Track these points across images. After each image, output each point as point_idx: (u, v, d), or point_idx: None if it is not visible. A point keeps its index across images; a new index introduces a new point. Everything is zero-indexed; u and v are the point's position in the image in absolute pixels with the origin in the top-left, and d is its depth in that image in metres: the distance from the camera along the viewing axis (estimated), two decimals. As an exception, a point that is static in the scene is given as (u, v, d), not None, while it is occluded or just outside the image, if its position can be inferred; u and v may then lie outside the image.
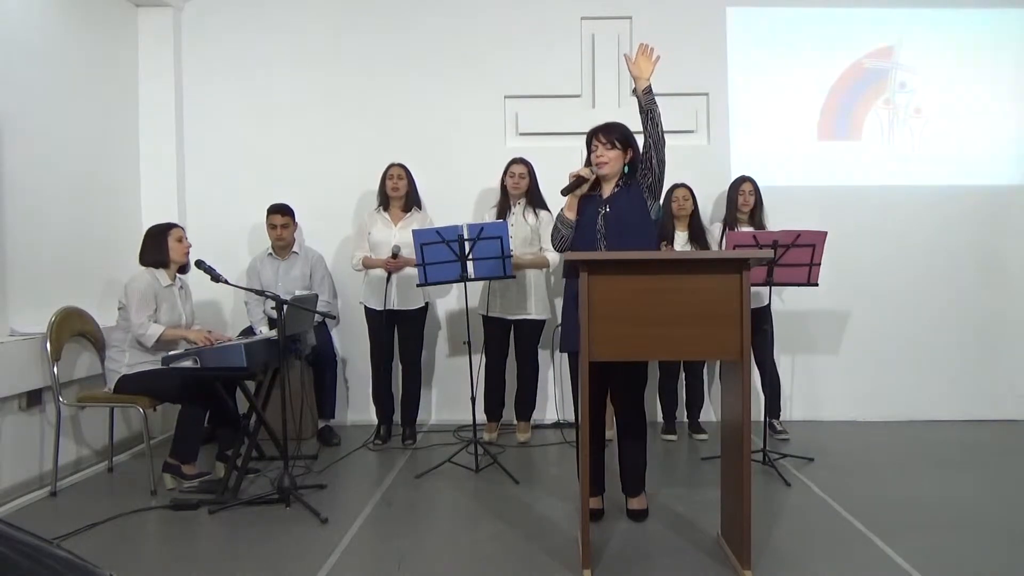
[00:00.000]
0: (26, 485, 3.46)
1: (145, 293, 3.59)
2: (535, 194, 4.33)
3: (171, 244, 3.71)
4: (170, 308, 3.69)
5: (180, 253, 3.75)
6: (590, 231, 2.96)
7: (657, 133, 2.91)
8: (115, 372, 3.61)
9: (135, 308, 3.55)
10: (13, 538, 1.09)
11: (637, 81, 2.95)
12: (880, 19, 4.87)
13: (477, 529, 2.99)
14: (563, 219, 3.00)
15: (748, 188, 4.39)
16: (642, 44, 2.97)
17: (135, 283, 3.61)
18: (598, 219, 2.96)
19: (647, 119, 2.92)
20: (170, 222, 3.86)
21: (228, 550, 2.83)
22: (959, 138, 4.87)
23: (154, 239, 3.73)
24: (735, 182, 4.46)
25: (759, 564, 2.54)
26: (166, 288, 3.70)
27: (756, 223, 4.39)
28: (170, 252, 3.71)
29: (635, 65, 2.96)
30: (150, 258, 3.71)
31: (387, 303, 4.18)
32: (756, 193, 4.40)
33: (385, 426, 4.41)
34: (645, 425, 3.13)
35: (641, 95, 2.93)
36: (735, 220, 4.42)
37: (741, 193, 4.38)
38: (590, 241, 2.95)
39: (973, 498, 3.31)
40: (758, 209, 4.41)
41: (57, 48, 3.93)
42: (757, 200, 4.40)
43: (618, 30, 4.85)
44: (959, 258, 4.86)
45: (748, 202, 4.37)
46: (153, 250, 3.71)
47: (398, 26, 4.84)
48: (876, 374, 4.85)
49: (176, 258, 3.74)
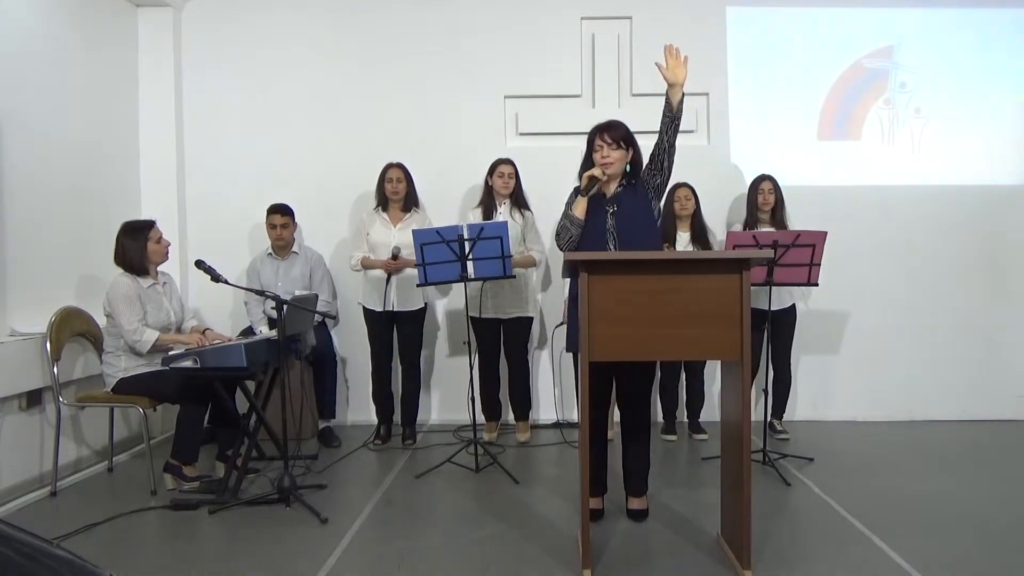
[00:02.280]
0: (26, 485, 3.46)
1: (129, 296, 3.50)
2: (520, 194, 4.34)
3: (151, 247, 3.60)
4: (156, 308, 3.63)
5: (160, 254, 3.66)
6: (599, 231, 2.94)
7: (675, 138, 2.91)
8: (112, 376, 3.59)
9: (124, 314, 3.47)
10: (13, 538, 1.08)
11: (673, 88, 2.84)
12: (880, 19, 4.87)
13: (477, 529, 2.99)
14: (573, 219, 2.95)
15: (768, 187, 4.33)
16: (669, 46, 2.87)
17: (117, 288, 3.51)
18: (607, 219, 2.95)
19: (672, 124, 2.88)
20: (147, 220, 3.72)
21: (228, 550, 2.83)
22: (959, 138, 4.87)
23: (133, 241, 3.58)
24: (754, 181, 4.40)
25: (759, 564, 2.54)
26: (149, 288, 3.62)
27: (778, 222, 4.31)
28: (150, 255, 3.61)
29: (670, 71, 2.85)
30: (129, 262, 3.57)
31: (387, 304, 4.18)
32: (776, 191, 4.33)
33: (385, 426, 4.41)
34: (650, 425, 3.13)
35: (676, 102, 2.85)
36: (756, 220, 4.35)
37: (761, 192, 4.32)
38: (599, 241, 2.93)
39: (973, 498, 3.31)
40: (779, 208, 4.34)
41: (57, 48, 3.93)
42: (778, 198, 4.33)
43: (618, 30, 4.85)
44: (959, 258, 4.86)
45: (768, 201, 4.31)
46: (133, 254, 3.57)
47: (398, 26, 4.84)
48: (876, 374, 4.85)
49: (156, 260, 3.65)
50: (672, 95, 2.86)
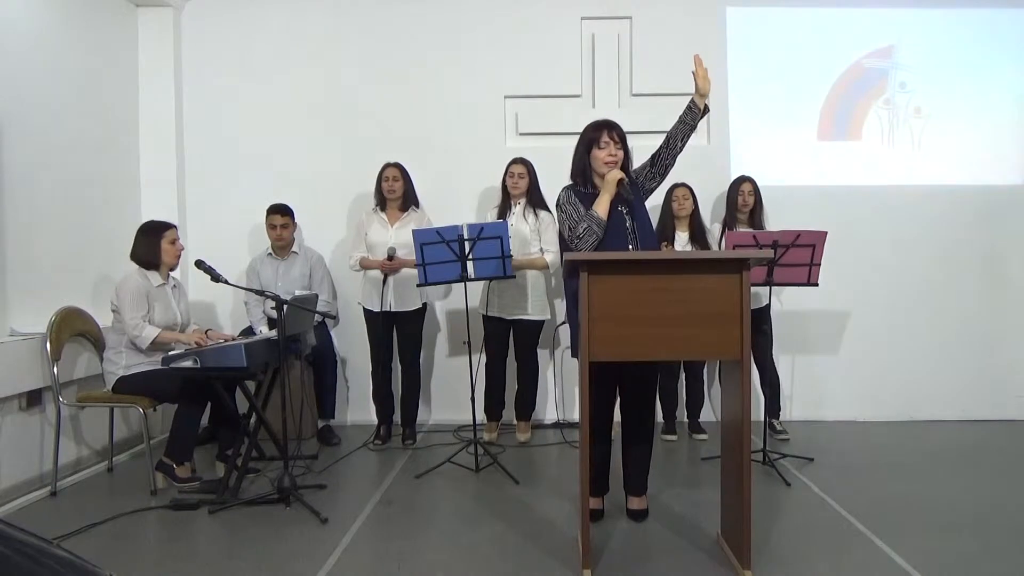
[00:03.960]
0: (26, 485, 3.46)
1: (136, 293, 3.56)
2: (535, 194, 4.32)
3: (164, 247, 3.68)
4: (164, 308, 3.66)
5: (172, 256, 3.73)
6: (619, 233, 2.94)
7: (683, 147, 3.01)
8: (113, 374, 3.60)
9: (128, 309, 3.53)
10: (13, 538, 1.08)
11: (703, 99, 2.95)
12: (880, 19, 4.87)
13: (477, 529, 2.99)
14: (599, 221, 2.90)
15: (748, 188, 4.37)
16: (697, 56, 2.97)
17: (126, 283, 3.59)
18: (626, 221, 2.96)
19: (691, 132, 2.98)
20: (167, 222, 3.83)
21: (228, 550, 2.83)
22: (959, 138, 4.87)
23: (148, 238, 3.69)
24: (735, 182, 4.44)
25: (759, 564, 2.54)
26: (158, 288, 3.67)
27: (756, 223, 4.36)
28: (162, 254, 3.68)
29: (703, 80, 2.95)
30: (142, 257, 3.67)
31: (384, 305, 4.18)
32: (756, 193, 4.38)
33: (385, 426, 4.41)
34: (653, 426, 3.13)
35: (701, 112, 2.97)
36: (735, 220, 4.41)
37: (741, 193, 4.36)
38: (620, 243, 2.94)
39: (973, 498, 3.31)
40: (758, 209, 4.39)
41: (57, 48, 3.93)
42: (757, 200, 4.38)
43: (618, 30, 4.85)
44: (959, 258, 4.86)
45: (748, 202, 4.35)
46: (146, 249, 3.68)
47: (398, 26, 4.84)
48: (876, 374, 4.85)
49: (168, 260, 3.72)
50: (699, 103, 2.96)
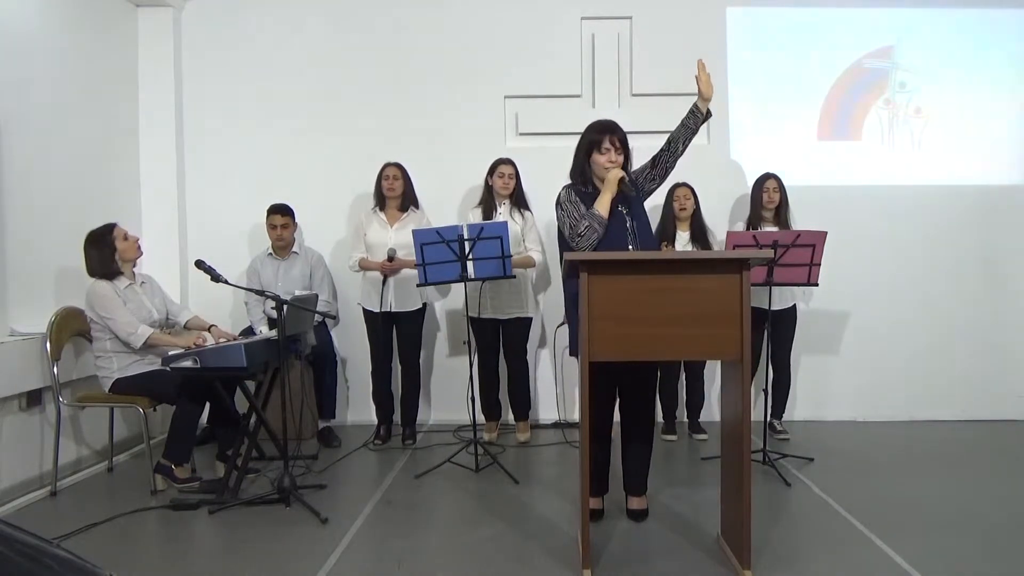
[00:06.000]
0: (26, 485, 3.46)
1: (112, 297, 3.49)
2: (520, 195, 4.34)
3: (119, 246, 3.58)
4: (137, 308, 3.61)
5: (132, 250, 3.63)
6: (619, 232, 2.95)
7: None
8: (108, 379, 3.58)
9: (115, 312, 3.47)
10: (13, 538, 1.09)
11: (706, 103, 3.00)
12: (880, 19, 4.87)
13: (477, 529, 2.99)
14: (600, 219, 2.91)
15: (772, 185, 4.32)
16: (700, 61, 3.00)
17: (96, 292, 3.49)
18: (627, 222, 2.97)
19: (693, 135, 3.02)
20: (107, 223, 3.64)
21: (228, 550, 2.83)
22: (959, 138, 4.87)
23: (98, 248, 3.55)
24: (759, 180, 4.39)
25: (759, 564, 2.54)
26: (126, 289, 3.61)
27: (782, 221, 4.31)
28: (120, 255, 3.58)
29: (706, 85, 2.98)
30: (98, 270, 3.55)
31: (384, 305, 4.18)
32: (781, 190, 4.32)
33: (385, 426, 4.41)
34: (653, 426, 3.13)
35: (704, 116, 3.01)
36: (759, 219, 4.35)
37: (766, 190, 4.31)
38: (620, 242, 2.95)
39: (973, 498, 3.31)
40: (783, 207, 4.33)
41: (57, 48, 3.93)
42: (782, 197, 4.32)
43: (618, 30, 4.85)
44: (959, 258, 4.86)
45: (773, 199, 4.30)
46: (100, 260, 3.54)
47: (398, 26, 4.84)
48: (876, 374, 4.85)
49: (129, 256, 3.62)
50: (702, 108, 3.00)
